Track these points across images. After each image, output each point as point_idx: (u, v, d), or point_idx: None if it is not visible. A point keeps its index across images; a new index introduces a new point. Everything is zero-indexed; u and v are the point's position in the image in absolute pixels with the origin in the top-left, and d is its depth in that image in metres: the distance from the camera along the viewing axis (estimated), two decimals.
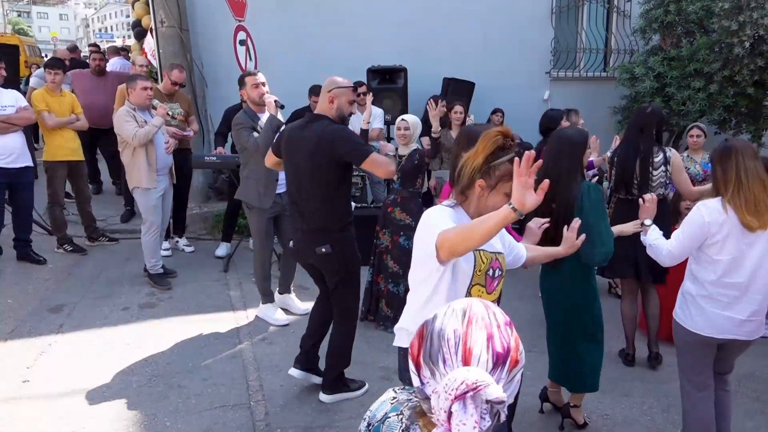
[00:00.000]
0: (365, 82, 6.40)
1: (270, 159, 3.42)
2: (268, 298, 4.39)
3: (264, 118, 4.03)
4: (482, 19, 7.66)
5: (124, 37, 47.99)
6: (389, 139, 6.89)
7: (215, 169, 6.40)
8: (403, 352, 2.22)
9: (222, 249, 5.69)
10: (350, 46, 7.07)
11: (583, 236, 2.48)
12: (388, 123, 6.67)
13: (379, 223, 4.38)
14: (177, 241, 5.98)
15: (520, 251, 2.38)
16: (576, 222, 2.48)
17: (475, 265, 2.07)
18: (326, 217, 3.12)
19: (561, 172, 2.82)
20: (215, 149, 5.39)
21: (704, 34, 7.12)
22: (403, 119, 4.28)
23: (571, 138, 2.91)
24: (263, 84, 4.18)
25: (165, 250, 5.66)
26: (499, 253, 2.17)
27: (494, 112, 7.50)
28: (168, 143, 4.90)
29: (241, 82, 4.27)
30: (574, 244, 2.46)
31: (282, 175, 3.80)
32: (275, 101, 4.02)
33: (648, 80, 7.12)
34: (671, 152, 3.96)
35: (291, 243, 3.37)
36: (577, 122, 6.73)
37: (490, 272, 2.12)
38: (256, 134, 4.00)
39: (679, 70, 7.08)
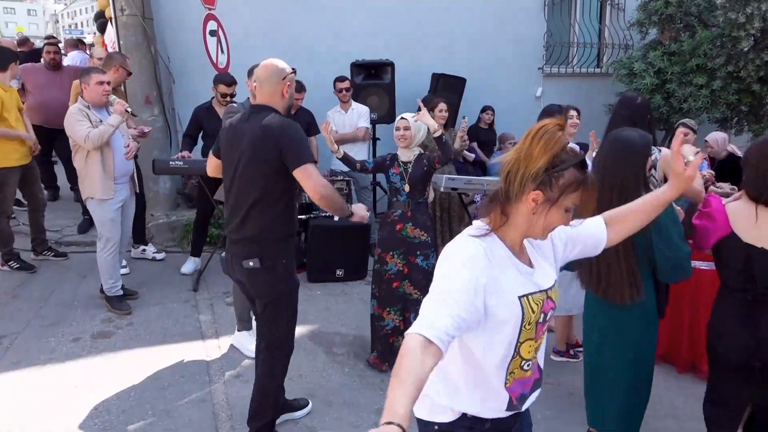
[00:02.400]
0: (349, 77, 5.78)
1: (211, 163, 2.86)
2: (244, 324, 3.75)
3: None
4: (472, 11, 7.10)
5: (95, 33, 46.30)
6: (376, 140, 6.28)
7: (183, 175, 5.71)
8: (426, 429, 1.63)
9: (189, 265, 5.00)
10: (333, 39, 6.42)
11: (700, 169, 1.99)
12: (374, 122, 6.07)
13: (381, 244, 3.59)
14: (143, 250, 5.30)
15: (596, 235, 1.70)
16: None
17: (523, 319, 1.50)
18: (259, 225, 2.55)
19: (626, 181, 2.28)
20: (180, 152, 4.73)
21: (704, 28, 6.68)
22: (402, 117, 3.57)
23: (635, 142, 2.35)
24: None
25: (123, 267, 4.98)
26: (551, 288, 1.59)
27: (484, 110, 6.97)
28: (129, 146, 4.22)
29: (251, 73, 3.73)
30: (688, 176, 1.63)
31: None
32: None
33: (648, 76, 6.65)
34: (662, 152, 3.55)
35: (222, 253, 2.78)
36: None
37: (542, 318, 1.55)
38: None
39: (681, 65, 6.62)
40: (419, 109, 3.47)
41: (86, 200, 4.15)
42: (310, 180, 2.46)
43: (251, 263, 2.52)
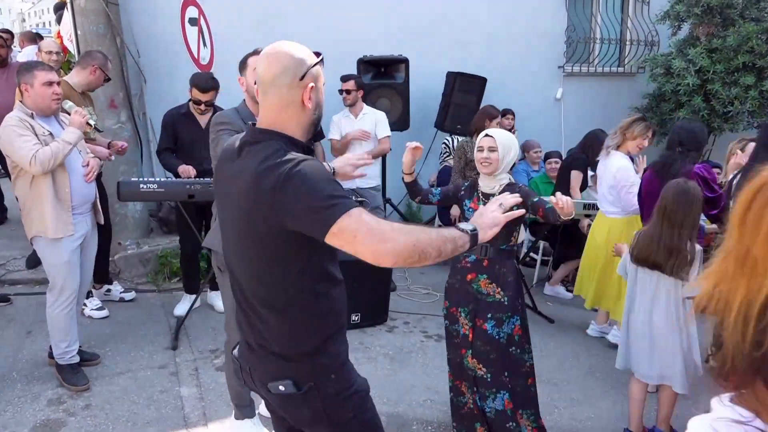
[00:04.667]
0: (357, 76, 4.76)
1: None
2: (243, 410, 2.71)
3: None
4: (489, 3, 6.16)
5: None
6: None
7: (158, 201, 4.62)
8: None
9: (184, 305, 3.95)
10: (335, 31, 5.36)
11: None
12: None
13: (449, 294, 2.69)
14: (108, 291, 4.22)
15: None
16: None
17: None
18: (281, 333, 1.49)
19: None
20: (177, 168, 3.71)
21: (747, 22, 5.85)
22: (488, 134, 2.57)
23: None
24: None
25: (98, 309, 3.93)
26: None
27: (504, 114, 6.01)
28: (88, 165, 3.15)
29: (243, 66, 2.53)
30: None
31: None
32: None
33: (689, 76, 5.79)
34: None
35: (235, 351, 1.68)
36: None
37: None
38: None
39: (725, 63, 5.79)
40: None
41: (32, 239, 3.07)
42: (363, 243, 1.30)
43: (281, 387, 1.49)
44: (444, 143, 5.55)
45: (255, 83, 1.53)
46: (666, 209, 2.67)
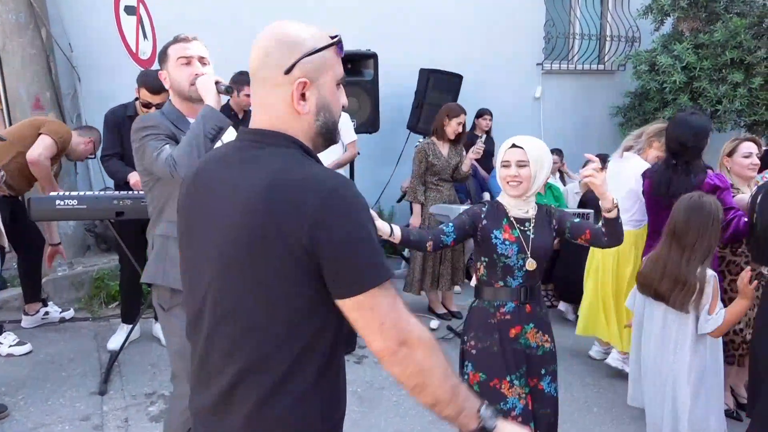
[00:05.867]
0: None
1: None
2: None
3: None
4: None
5: None
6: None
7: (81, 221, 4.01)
8: None
9: (119, 336, 3.38)
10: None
11: None
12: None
13: (482, 362, 2.00)
14: (46, 313, 3.67)
15: None
16: None
17: None
18: (263, 419, 1.04)
19: None
20: (128, 176, 3.16)
21: (732, 17, 5.53)
22: (516, 145, 1.98)
23: None
24: (201, 59, 1.95)
25: (20, 344, 3.35)
26: None
27: (480, 114, 5.58)
28: None
29: (163, 58, 1.99)
30: None
31: None
32: (218, 83, 1.88)
33: (676, 73, 5.44)
34: None
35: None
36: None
37: None
38: (168, 148, 1.84)
39: (712, 59, 5.45)
40: (586, 164, 2.05)
41: None
42: (380, 331, 1.00)
43: None
44: (417, 146, 5.08)
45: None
46: (676, 229, 2.24)
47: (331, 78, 1.09)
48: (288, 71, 1.04)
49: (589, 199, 4.21)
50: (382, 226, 1.92)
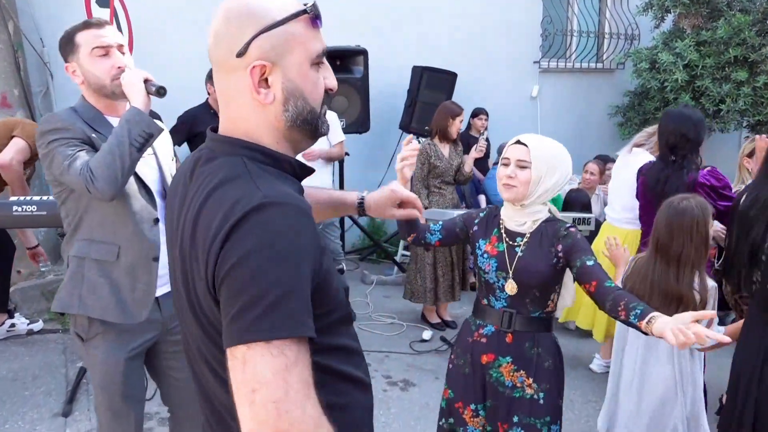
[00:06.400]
0: None
1: None
2: None
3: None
4: None
5: None
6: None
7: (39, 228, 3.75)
8: None
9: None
10: None
11: None
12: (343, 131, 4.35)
13: (452, 380, 1.82)
14: (12, 325, 3.44)
15: None
16: None
17: None
18: None
19: None
20: None
21: (735, 13, 5.34)
22: (520, 142, 1.70)
23: None
24: (120, 47, 1.68)
25: None
26: None
27: (476, 114, 5.38)
28: None
29: (69, 47, 1.67)
30: None
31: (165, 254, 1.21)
32: (147, 81, 1.62)
33: (678, 71, 5.24)
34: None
35: None
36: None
37: None
38: (84, 155, 1.57)
39: (715, 57, 5.25)
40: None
41: None
42: (251, 401, 0.72)
43: None
44: None
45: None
46: (659, 240, 2.03)
47: (301, 57, 0.87)
48: (241, 53, 0.84)
49: (572, 199, 4.00)
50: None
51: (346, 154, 4.52)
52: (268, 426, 0.70)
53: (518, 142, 1.71)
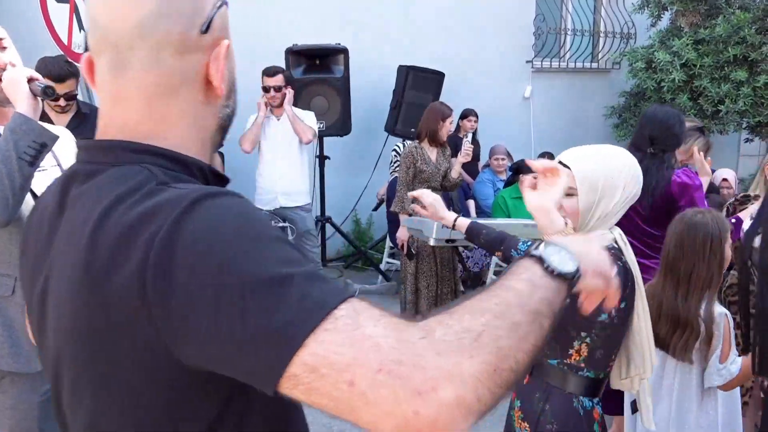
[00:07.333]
0: (284, 69, 3.82)
1: None
2: None
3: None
4: None
5: None
6: (324, 159, 4.32)
7: None
8: None
9: None
10: (257, 15, 4.42)
11: None
12: (321, 134, 4.13)
13: None
14: None
15: None
16: None
17: None
18: None
19: None
20: None
21: (736, 10, 5.14)
22: (561, 163, 1.35)
23: None
24: None
25: None
26: None
27: (465, 115, 5.15)
28: None
29: None
30: None
31: None
32: (32, 80, 1.38)
33: (675, 70, 5.03)
34: None
35: None
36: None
37: None
38: None
39: (714, 56, 5.04)
40: None
41: None
42: (364, 402, 0.49)
43: None
44: (394, 150, 4.64)
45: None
46: (669, 257, 1.81)
47: (222, 33, 0.69)
48: (206, 30, 0.66)
49: None
50: (447, 216, 1.77)
51: (327, 157, 4.31)
52: (407, 392, 0.48)
53: (560, 163, 1.36)
